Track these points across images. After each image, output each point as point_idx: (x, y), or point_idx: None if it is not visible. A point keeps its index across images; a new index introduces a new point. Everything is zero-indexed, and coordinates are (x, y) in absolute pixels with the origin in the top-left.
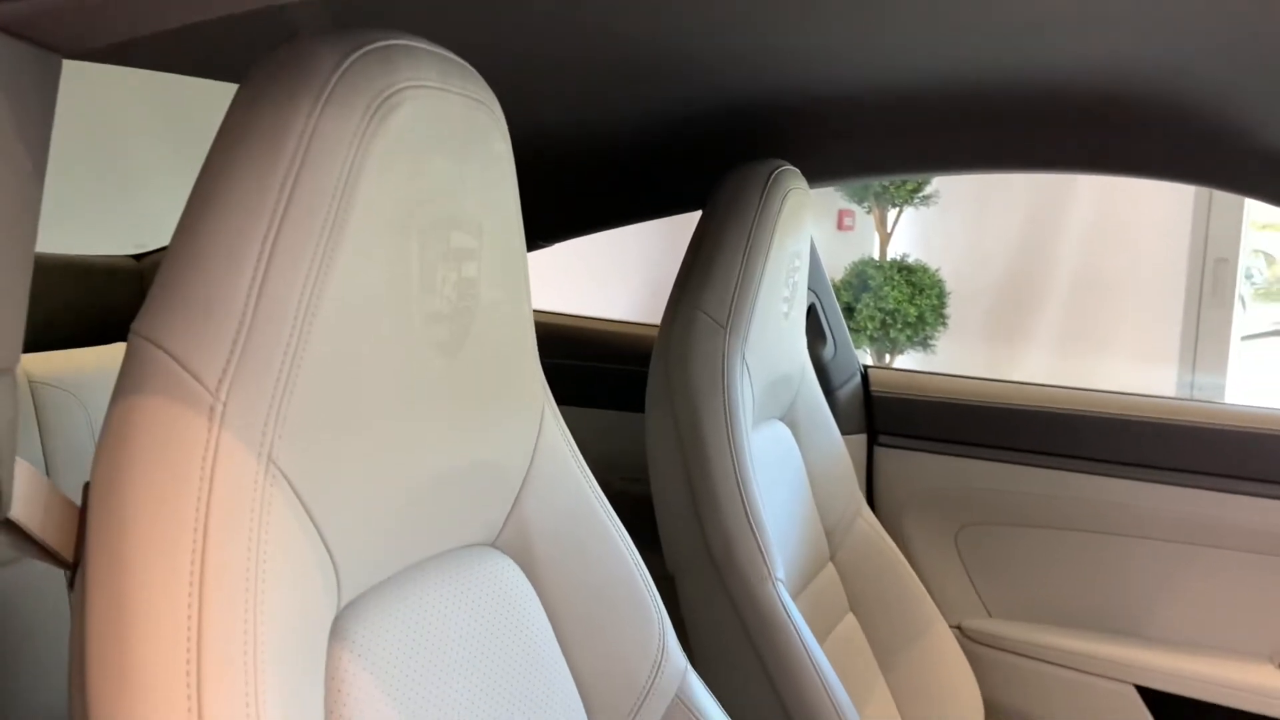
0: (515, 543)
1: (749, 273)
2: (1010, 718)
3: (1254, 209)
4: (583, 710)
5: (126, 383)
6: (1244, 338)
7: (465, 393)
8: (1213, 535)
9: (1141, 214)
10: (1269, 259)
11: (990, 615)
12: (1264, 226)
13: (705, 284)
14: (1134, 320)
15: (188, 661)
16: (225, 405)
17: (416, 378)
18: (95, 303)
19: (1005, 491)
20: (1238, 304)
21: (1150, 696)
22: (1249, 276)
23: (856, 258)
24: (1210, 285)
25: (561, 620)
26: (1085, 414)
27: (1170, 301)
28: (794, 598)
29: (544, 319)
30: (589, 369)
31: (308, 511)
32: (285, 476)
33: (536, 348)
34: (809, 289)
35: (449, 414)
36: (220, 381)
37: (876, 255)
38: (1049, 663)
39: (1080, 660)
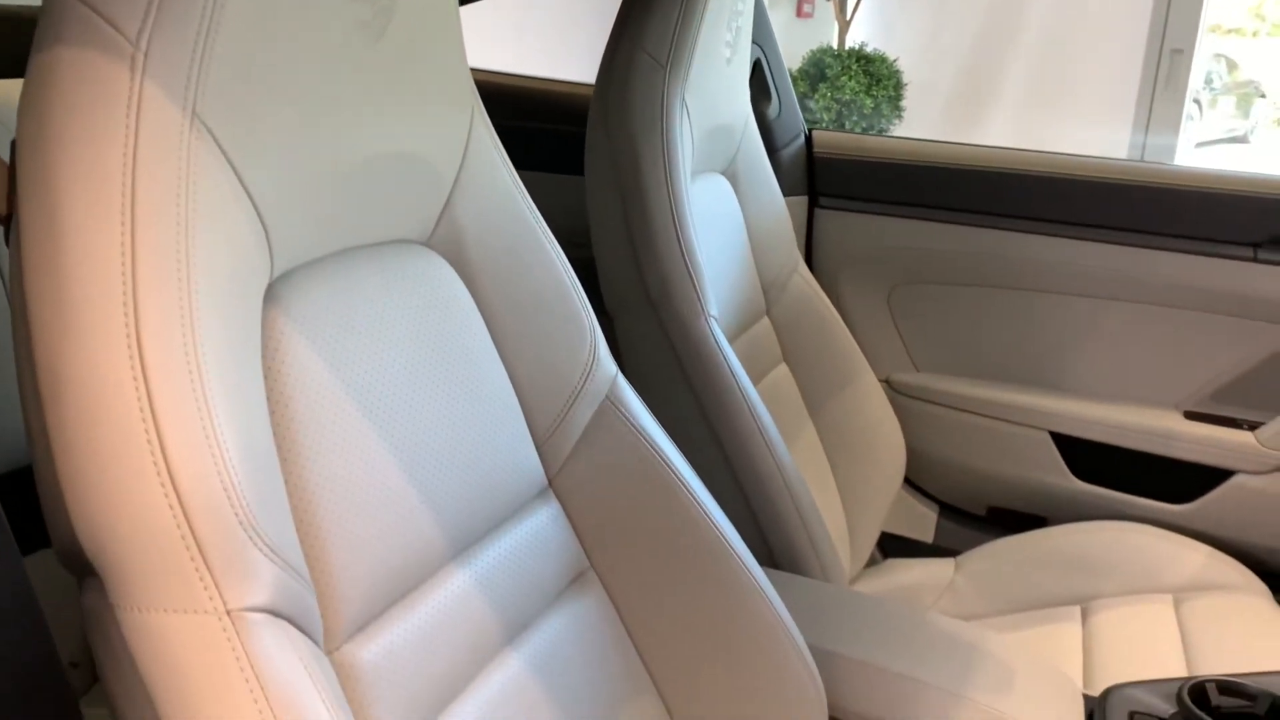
0: (448, 244)
1: (690, 9)
2: (931, 462)
3: (1215, 7)
4: (518, 406)
5: (45, 35)
6: (1198, 145)
7: (390, 78)
8: (1131, 290)
9: (1102, 5)
10: (1230, 64)
11: (917, 370)
12: (1228, 31)
13: (645, 21)
14: (1088, 112)
15: (124, 304)
16: (146, 55)
17: (340, 54)
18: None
19: (937, 250)
20: (1195, 109)
21: (1063, 442)
22: (1209, 82)
23: (815, 46)
24: (1165, 75)
25: (495, 322)
26: (1016, 172)
27: (1125, 93)
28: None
29: (481, 78)
30: (528, 130)
31: (235, 170)
32: (210, 132)
33: (464, 49)
34: (755, 43)
35: (375, 97)
36: (140, 31)
37: (835, 44)
38: (970, 412)
39: (999, 409)
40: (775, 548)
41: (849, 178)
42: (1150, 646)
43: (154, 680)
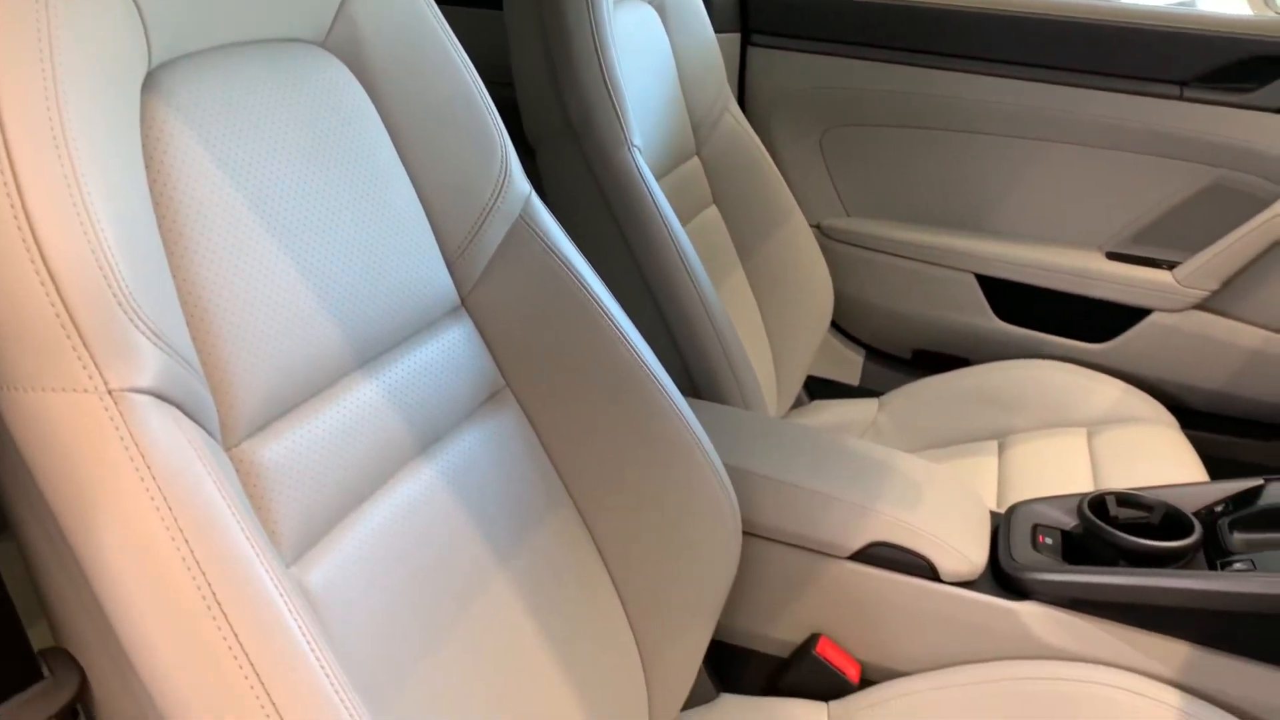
0: (346, 47)
1: None
2: (859, 306)
3: None
4: (425, 221)
5: None
6: None
7: None
8: (1058, 130)
9: None
10: None
11: (848, 214)
12: None
13: None
14: None
15: None
16: None
17: None
18: None
19: (870, 90)
20: None
21: (987, 284)
22: None
23: None
24: None
25: (399, 133)
26: (949, 8)
27: None
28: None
29: None
30: None
31: None
32: None
33: None
34: None
35: None
36: None
37: None
38: (898, 255)
39: (926, 252)
40: (698, 379)
41: (783, 14)
42: (1061, 473)
43: (37, 462)
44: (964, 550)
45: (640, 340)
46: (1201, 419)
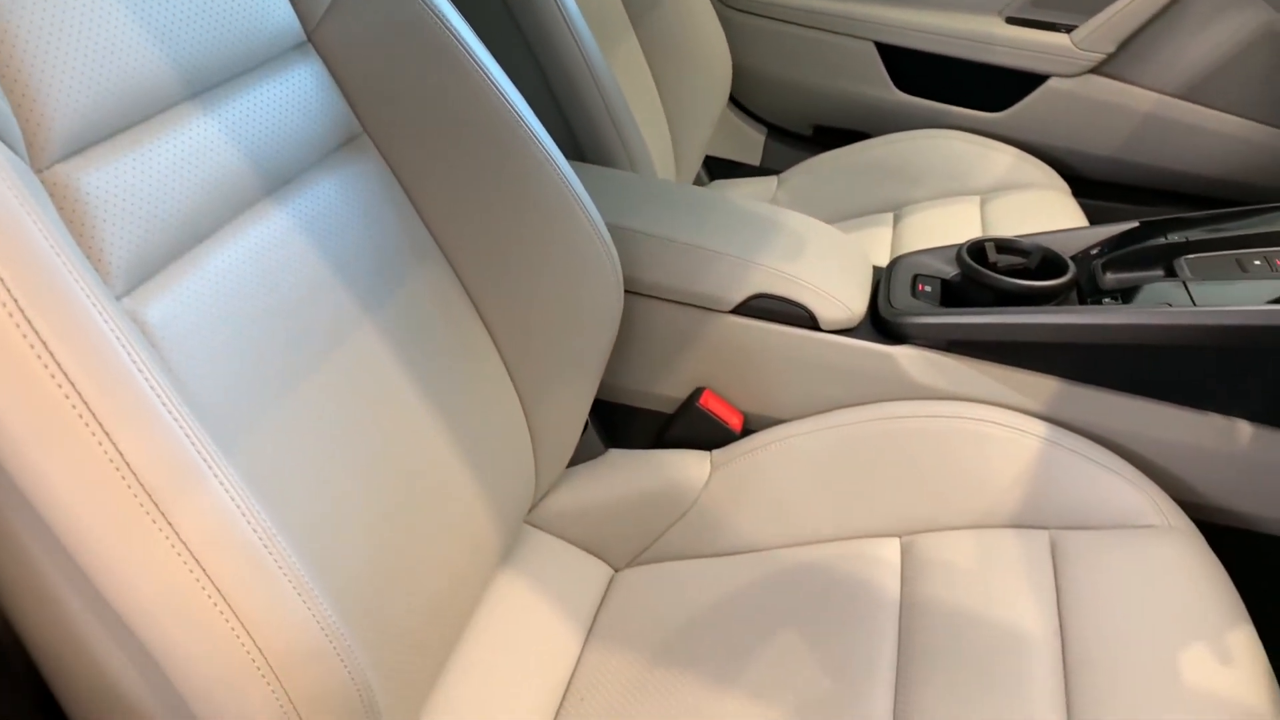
0: None
1: None
2: (759, 80)
3: None
4: None
5: None
6: None
7: None
8: None
9: None
10: None
11: None
12: None
13: None
14: None
15: None
16: None
17: None
18: None
19: None
20: None
21: (887, 52)
22: None
23: None
24: None
25: None
26: None
27: None
28: None
29: None
30: None
31: None
32: None
33: None
34: None
35: None
36: None
37: None
38: (798, 24)
39: (826, 20)
40: (584, 143)
41: None
42: (951, 236)
43: None
44: (843, 299)
45: (514, 92)
46: (1093, 186)
